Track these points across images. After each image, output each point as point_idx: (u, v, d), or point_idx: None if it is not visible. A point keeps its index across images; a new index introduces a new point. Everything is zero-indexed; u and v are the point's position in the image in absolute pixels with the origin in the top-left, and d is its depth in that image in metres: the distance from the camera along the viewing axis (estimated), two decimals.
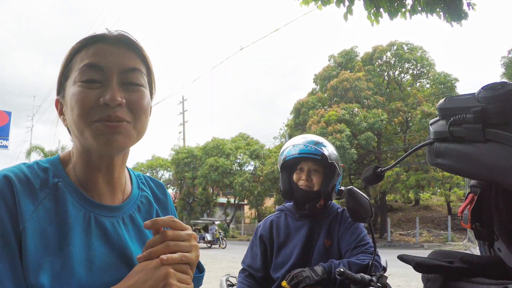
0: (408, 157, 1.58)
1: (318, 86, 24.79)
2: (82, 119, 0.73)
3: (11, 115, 14.71)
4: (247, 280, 1.87)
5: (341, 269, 1.44)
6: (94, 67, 0.74)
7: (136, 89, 0.77)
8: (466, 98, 0.75)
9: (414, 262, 0.84)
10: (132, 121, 0.76)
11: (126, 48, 0.78)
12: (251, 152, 27.00)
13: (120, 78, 0.76)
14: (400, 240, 20.23)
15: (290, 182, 1.88)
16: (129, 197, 0.86)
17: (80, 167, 0.79)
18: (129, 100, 0.75)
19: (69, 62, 0.79)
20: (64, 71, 0.80)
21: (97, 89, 0.74)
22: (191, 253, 0.73)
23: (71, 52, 0.79)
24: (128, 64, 0.77)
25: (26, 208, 0.70)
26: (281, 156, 1.93)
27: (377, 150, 21.99)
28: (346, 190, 1.49)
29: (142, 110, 0.78)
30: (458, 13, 4.35)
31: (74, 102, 0.74)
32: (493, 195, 0.85)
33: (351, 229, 1.78)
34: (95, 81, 0.74)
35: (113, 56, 0.76)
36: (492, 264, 0.85)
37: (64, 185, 0.76)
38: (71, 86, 0.76)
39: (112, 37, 0.78)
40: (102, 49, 0.76)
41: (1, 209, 0.67)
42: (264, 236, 1.90)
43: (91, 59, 0.75)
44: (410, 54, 23.03)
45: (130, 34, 0.80)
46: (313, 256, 1.77)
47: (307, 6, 4.34)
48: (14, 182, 0.70)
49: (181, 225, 0.75)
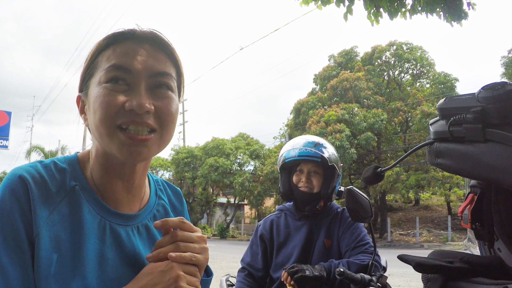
0: (408, 157, 1.58)
1: (318, 86, 24.78)
2: (104, 125, 0.68)
3: (11, 115, 14.72)
4: (247, 280, 1.87)
5: (341, 269, 1.44)
6: (121, 69, 0.69)
7: (166, 95, 0.72)
8: (466, 98, 0.75)
9: (414, 262, 0.84)
10: (159, 130, 0.71)
11: (157, 49, 0.72)
12: (251, 152, 26.99)
13: (149, 82, 0.70)
14: (400, 240, 20.22)
15: (289, 184, 1.88)
16: (146, 205, 0.83)
17: (98, 171, 0.75)
18: (158, 107, 0.70)
19: (95, 59, 0.73)
20: (88, 67, 0.74)
21: (123, 93, 0.68)
22: (201, 255, 0.72)
23: (97, 48, 0.73)
24: (158, 67, 0.71)
25: (41, 214, 0.67)
26: (280, 157, 1.92)
27: (377, 150, 21.98)
28: (346, 190, 1.49)
29: (171, 118, 0.72)
30: (458, 13, 4.35)
31: (97, 104, 0.68)
32: (493, 195, 0.85)
33: (351, 229, 1.78)
34: (121, 82, 0.69)
35: (143, 57, 0.70)
36: (492, 264, 0.85)
37: (80, 190, 0.73)
38: (95, 86, 0.71)
39: (142, 35, 0.72)
40: (131, 49, 0.70)
41: (15, 213, 0.65)
42: (264, 236, 1.90)
43: (118, 60, 0.69)
44: (410, 54, 23.02)
45: (162, 33, 0.74)
46: (313, 256, 1.77)
47: (307, 6, 4.34)
48: (30, 184, 0.67)
49: (191, 226, 0.74)
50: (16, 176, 0.68)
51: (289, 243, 1.83)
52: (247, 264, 1.91)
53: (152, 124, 0.69)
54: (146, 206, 0.82)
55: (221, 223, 28.94)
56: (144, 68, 0.70)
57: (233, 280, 2.14)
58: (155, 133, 0.71)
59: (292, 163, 1.86)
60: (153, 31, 0.73)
